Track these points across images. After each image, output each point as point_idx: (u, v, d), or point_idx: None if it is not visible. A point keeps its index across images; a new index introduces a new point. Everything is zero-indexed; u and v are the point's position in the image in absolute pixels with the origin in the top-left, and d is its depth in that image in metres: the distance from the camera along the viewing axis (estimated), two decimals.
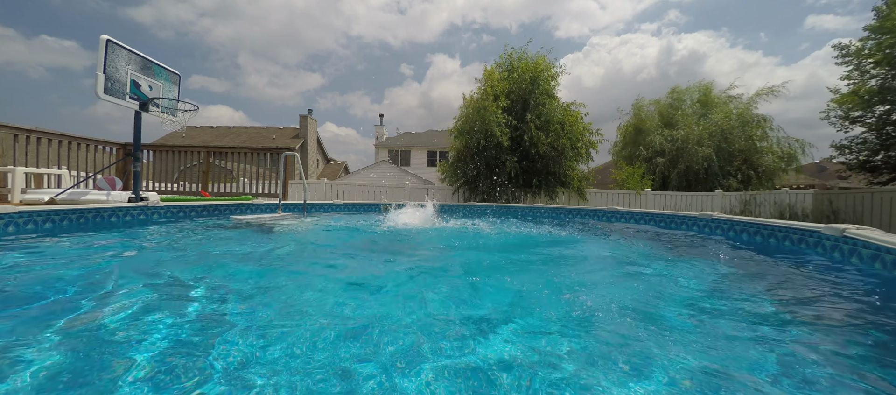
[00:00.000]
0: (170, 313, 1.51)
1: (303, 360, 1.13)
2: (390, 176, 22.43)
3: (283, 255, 2.84)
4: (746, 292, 1.98)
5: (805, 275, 2.36)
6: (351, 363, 1.12)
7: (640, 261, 2.88)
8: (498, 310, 1.65)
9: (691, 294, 1.94)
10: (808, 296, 1.94)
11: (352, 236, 3.99)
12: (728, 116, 12.01)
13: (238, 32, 67.08)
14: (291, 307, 1.63)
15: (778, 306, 1.75)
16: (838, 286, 2.12)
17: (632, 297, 1.90)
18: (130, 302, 1.61)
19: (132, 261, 2.47)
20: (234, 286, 1.92)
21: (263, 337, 1.28)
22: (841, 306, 1.79)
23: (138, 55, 4.69)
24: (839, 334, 1.47)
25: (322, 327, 1.39)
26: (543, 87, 9.44)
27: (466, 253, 3.17)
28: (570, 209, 6.90)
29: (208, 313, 1.53)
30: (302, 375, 1.04)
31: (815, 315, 1.68)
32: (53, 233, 3.21)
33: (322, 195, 9.52)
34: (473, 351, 1.20)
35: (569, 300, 1.83)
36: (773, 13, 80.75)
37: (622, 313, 1.61)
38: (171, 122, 5.20)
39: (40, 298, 1.64)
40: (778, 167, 11.77)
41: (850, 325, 1.57)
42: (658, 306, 1.73)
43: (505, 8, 68.01)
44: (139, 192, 4.81)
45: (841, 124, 11.49)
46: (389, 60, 74.00)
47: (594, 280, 2.35)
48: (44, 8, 61.33)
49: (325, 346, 1.22)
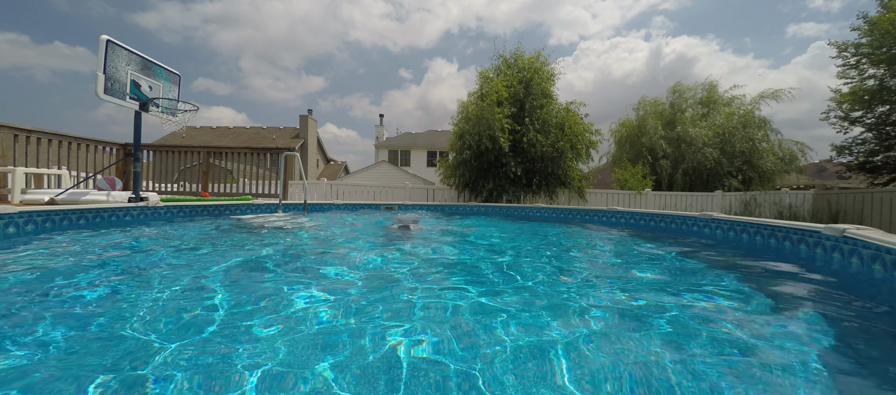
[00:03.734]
0: (170, 313, 1.51)
1: (304, 359, 1.13)
2: (390, 176, 22.43)
3: (284, 255, 2.84)
4: (746, 292, 1.98)
5: (805, 275, 2.36)
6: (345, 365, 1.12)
7: (634, 260, 2.87)
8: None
9: (688, 293, 1.94)
10: (808, 296, 1.94)
11: (352, 236, 3.99)
12: (730, 118, 12.00)
13: (241, 37, 67.45)
14: (292, 307, 1.63)
15: (778, 306, 1.75)
16: (838, 286, 2.12)
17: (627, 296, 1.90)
18: (130, 302, 1.61)
19: (132, 261, 2.47)
20: (234, 286, 1.92)
21: (264, 336, 1.28)
22: (841, 307, 1.79)
23: (138, 55, 4.69)
24: (839, 334, 1.47)
25: (323, 327, 1.39)
26: (541, 87, 9.44)
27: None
28: (570, 209, 6.90)
29: (208, 313, 1.53)
30: (301, 377, 1.04)
31: (814, 315, 1.68)
32: (53, 233, 3.21)
33: (322, 195, 9.52)
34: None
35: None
36: (757, 19, 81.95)
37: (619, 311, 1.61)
38: (171, 122, 5.20)
39: (39, 297, 1.64)
40: (779, 169, 11.78)
41: (850, 325, 1.57)
42: (647, 308, 1.73)
43: (498, 17, 68.93)
44: (139, 192, 4.81)
45: (840, 125, 11.48)
46: (389, 64, 74.65)
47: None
48: (51, 13, 61.73)
49: (326, 346, 1.22)
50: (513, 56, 9.81)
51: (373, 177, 22.67)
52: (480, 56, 73.86)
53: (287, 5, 74.78)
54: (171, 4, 64.88)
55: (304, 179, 5.97)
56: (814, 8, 67.58)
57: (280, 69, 77.36)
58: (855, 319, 1.64)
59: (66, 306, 1.57)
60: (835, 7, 38.61)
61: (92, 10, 62.65)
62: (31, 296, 1.66)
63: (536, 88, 9.39)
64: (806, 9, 68.35)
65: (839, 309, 1.76)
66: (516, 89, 9.31)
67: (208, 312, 1.54)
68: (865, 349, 1.34)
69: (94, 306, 1.56)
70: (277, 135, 27.37)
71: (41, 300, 1.62)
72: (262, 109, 73.95)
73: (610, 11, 73.41)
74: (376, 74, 79.69)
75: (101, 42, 4.19)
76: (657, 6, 75.26)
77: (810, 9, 66.65)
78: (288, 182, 8.67)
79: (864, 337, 1.45)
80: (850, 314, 1.69)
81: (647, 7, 74.04)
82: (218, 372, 1.05)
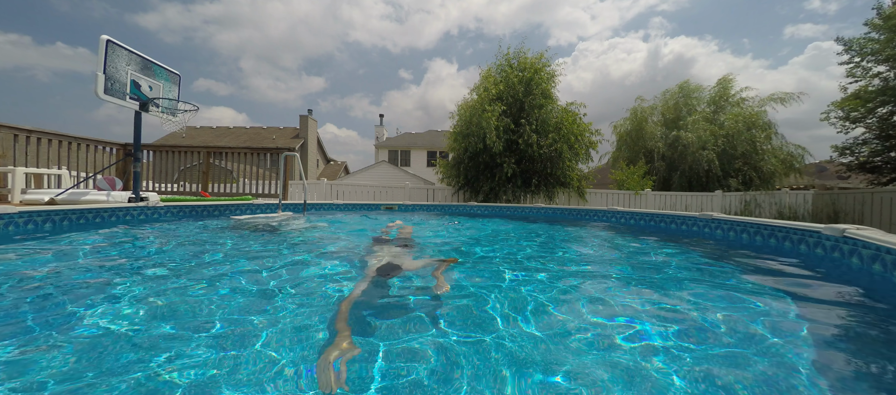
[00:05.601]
0: (169, 314, 1.51)
1: (304, 359, 1.13)
2: (390, 176, 22.43)
3: (284, 254, 2.84)
4: (746, 291, 1.98)
5: (805, 275, 2.36)
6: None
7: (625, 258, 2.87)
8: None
9: (687, 292, 1.94)
10: (808, 296, 1.94)
11: (355, 235, 3.99)
12: (736, 119, 11.96)
13: (241, 38, 67.65)
14: (293, 307, 1.63)
15: (778, 306, 1.75)
16: (838, 286, 2.12)
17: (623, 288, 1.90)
18: (129, 303, 1.61)
19: (131, 261, 2.47)
20: (234, 286, 1.92)
21: (266, 336, 1.28)
22: (841, 307, 1.79)
23: (138, 55, 4.69)
24: (839, 334, 1.47)
25: (323, 327, 1.39)
26: (541, 87, 9.43)
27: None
28: (571, 209, 6.90)
29: (207, 312, 1.53)
30: (304, 373, 1.04)
31: (814, 315, 1.68)
32: (53, 233, 3.21)
33: (322, 195, 9.52)
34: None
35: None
36: (755, 20, 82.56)
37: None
38: (171, 122, 5.20)
39: (39, 297, 1.64)
40: (779, 170, 11.78)
41: (851, 325, 1.57)
42: (646, 308, 1.73)
43: (497, 19, 69.22)
44: (139, 192, 4.81)
45: (841, 125, 11.47)
46: (388, 65, 74.92)
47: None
48: (53, 15, 61.90)
49: (323, 343, 1.22)
50: (515, 56, 9.82)
51: (373, 177, 22.67)
52: (480, 57, 74.36)
53: (287, 6, 75.01)
54: (171, 5, 65.07)
55: (303, 179, 5.97)
56: (811, 9, 68.13)
57: (280, 70, 77.68)
58: (855, 319, 1.64)
59: (66, 305, 1.57)
60: (832, 9, 38.95)
61: (93, 10, 62.91)
62: (31, 296, 1.66)
63: (537, 88, 9.38)
64: (803, 10, 68.94)
65: (839, 309, 1.76)
66: (516, 89, 9.30)
67: (208, 312, 1.54)
68: (865, 348, 1.34)
69: (93, 306, 1.56)
70: (277, 135, 27.37)
71: (41, 299, 1.62)
72: (262, 109, 74.27)
73: (608, 12, 73.96)
74: (376, 74, 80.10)
75: (101, 42, 4.19)
76: (655, 7, 75.67)
77: (807, 10, 67.24)
78: (288, 182, 8.67)
79: (864, 337, 1.45)
80: (850, 314, 1.69)
81: (645, 8, 74.43)
82: (218, 372, 1.05)
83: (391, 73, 78.34)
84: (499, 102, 9.02)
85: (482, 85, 9.35)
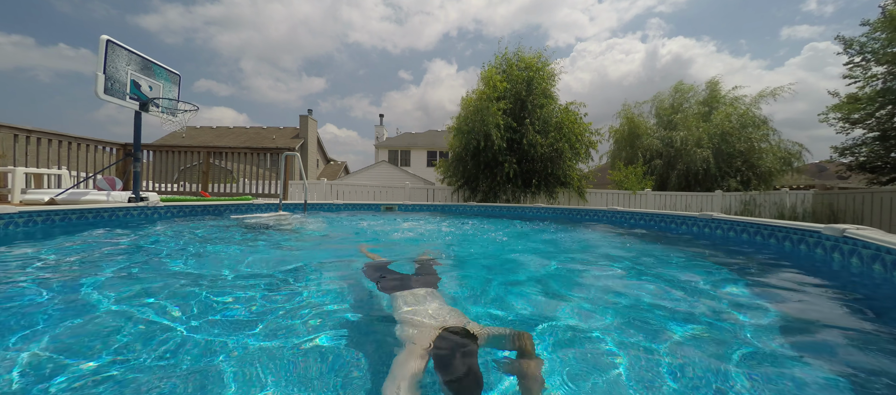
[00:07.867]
0: (169, 313, 1.51)
1: (307, 356, 1.13)
2: (390, 176, 22.42)
3: (284, 254, 2.84)
4: (745, 292, 1.98)
5: (805, 275, 2.36)
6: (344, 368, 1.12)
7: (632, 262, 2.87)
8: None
9: (687, 293, 1.94)
10: (809, 296, 1.94)
11: (355, 235, 4.00)
12: (729, 117, 11.97)
13: (242, 39, 67.75)
14: (293, 306, 1.63)
15: (777, 306, 1.75)
16: (838, 286, 2.12)
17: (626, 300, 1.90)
18: (130, 302, 1.61)
19: (131, 261, 2.47)
20: (234, 286, 1.92)
21: (266, 336, 1.28)
22: (841, 306, 1.79)
23: (138, 55, 4.69)
24: (839, 333, 1.47)
25: (324, 327, 1.39)
26: (542, 87, 9.43)
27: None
28: (570, 209, 6.90)
29: (207, 312, 1.53)
30: (304, 376, 1.04)
31: (814, 315, 1.68)
32: (53, 233, 3.21)
33: (322, 195, 9.52)
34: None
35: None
36: (752, 22, 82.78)
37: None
38: (171, 122, 5.20)
39: (38, 297, 1.64)
40: (777, 169, 11.76)
41: (851, 324, 1.57)
42: (651, 308, 1.73)
43: (496, 20, 69.41)
44: (139, 192, 4.81)
45: (841, 126, 11.46)
46: (388, 66, 75.05)
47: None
48: (55, 16, 62.01)
49: (326, 344, 1.22)
50: (515, 55, 9.82)
51: (373, 177, 22.66)
52: (479, 58, 74.53)
53: (287, 8, 75.10)
54: (172, 6, 65.17)
55: (304, 179, 5.97)
56: (807, 11, 68.37)
57: (280, 70, 77.80)
58: (855, 319, 1.64)
59: (65, 305, 1.57)
60: (828, 11, 39.14)
61: (95, 11, 63.01)
62: (30, 295, 1.66)
63: (537, 87, 9.38)
64: (799, 12, 69.21)
65: (839, 309, 1.76)
66: (519, 87, 9.30)
67: (207, 311, 1.54)
68: (865, 348, 1.34)
69: (93, 305, 1.56)
70: (277, 135, 27.36)
71: (40, 299, 1.62)
72: (262, 109, 74.37)
73: (606, 14, 74.28)
74: (376, 75, 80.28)
75: (101, 42, 4.19)
76: (653, 8, 75.89)
77: (804, 12, 67.50)
78: (288, 182, 8.67)
79: (864, 337, 1.45)
80: (850, 314, 1.69)
81: (643, 9, 74.67)
82: (216, 371, 1.05)
83: (391, 73, 78.58)
84: (502, 101, 9.01)
85: (485, 82, 9.32)
